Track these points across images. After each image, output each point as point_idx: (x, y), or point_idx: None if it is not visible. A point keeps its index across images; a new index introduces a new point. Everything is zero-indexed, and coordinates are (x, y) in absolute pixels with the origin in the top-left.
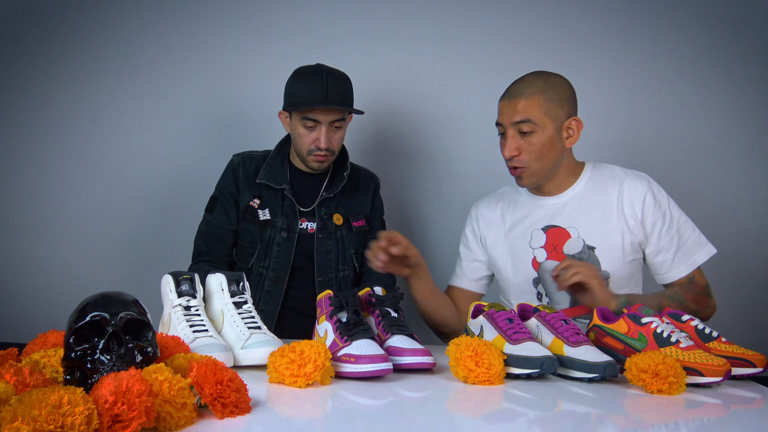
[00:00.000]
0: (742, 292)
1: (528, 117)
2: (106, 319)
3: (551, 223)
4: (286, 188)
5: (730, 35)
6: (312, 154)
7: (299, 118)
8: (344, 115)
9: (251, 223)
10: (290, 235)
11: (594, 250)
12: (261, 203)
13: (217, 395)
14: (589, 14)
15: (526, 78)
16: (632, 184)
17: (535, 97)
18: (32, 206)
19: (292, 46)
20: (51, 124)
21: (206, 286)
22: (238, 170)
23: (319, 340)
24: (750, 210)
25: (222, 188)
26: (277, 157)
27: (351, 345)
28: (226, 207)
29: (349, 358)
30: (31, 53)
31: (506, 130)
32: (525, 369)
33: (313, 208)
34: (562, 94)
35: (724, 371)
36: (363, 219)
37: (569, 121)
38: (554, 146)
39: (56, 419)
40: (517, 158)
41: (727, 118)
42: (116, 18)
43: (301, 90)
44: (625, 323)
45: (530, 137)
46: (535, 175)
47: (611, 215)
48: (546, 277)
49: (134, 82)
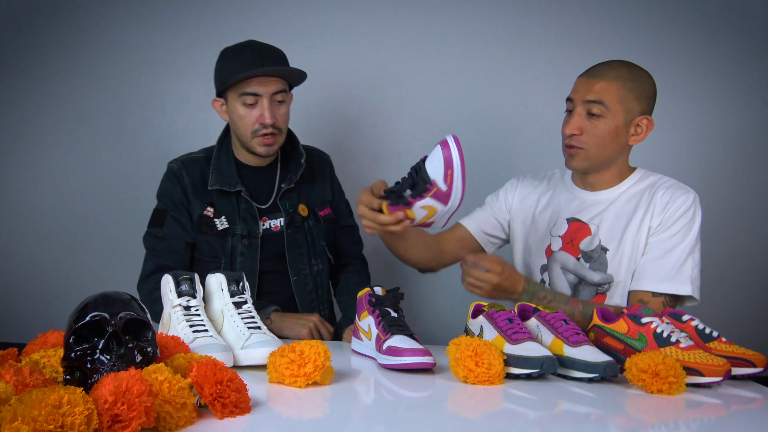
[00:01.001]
0: (742, 292)
1: (602, 99)
2: (106, 319)
3: (577, 216)
4: (242, 190)
5: (736, 34)
6: (258, 135)
7: (237, 96)
8: (285, 87)
9: (209, 234)
10: (252, 241)
11: (606, 252)
12: (215, 211)
13: (217, 395)
14: (590, 14)
15: (612, 62)
16: (668, 193)
17: (615, 83)
18: (32, 206)
19: (292, 46)
20: (51, 124)
21: (206, 286)
22: (182, 177)
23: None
24: (750, 210)
25: (167, 199)
26: (221, 156)
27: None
28: (179, 219)
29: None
30: (31, 53)
31: (575, 107)
32: (525, 369)
33: (271, 204)
34: (643, 89)
35: (724, 371)
36: (328, 206)
37: (641, 118)
38: (618, 138)
39: (56, 419)
40: (577, 137)
41: (727, 119)
42: (116, 19)
43: (232, 64)
44: (625, 323)
45: (597, 120)
46: (589, 159)
47: (634, 223)
48: (554, 266)
49: (134, 82)
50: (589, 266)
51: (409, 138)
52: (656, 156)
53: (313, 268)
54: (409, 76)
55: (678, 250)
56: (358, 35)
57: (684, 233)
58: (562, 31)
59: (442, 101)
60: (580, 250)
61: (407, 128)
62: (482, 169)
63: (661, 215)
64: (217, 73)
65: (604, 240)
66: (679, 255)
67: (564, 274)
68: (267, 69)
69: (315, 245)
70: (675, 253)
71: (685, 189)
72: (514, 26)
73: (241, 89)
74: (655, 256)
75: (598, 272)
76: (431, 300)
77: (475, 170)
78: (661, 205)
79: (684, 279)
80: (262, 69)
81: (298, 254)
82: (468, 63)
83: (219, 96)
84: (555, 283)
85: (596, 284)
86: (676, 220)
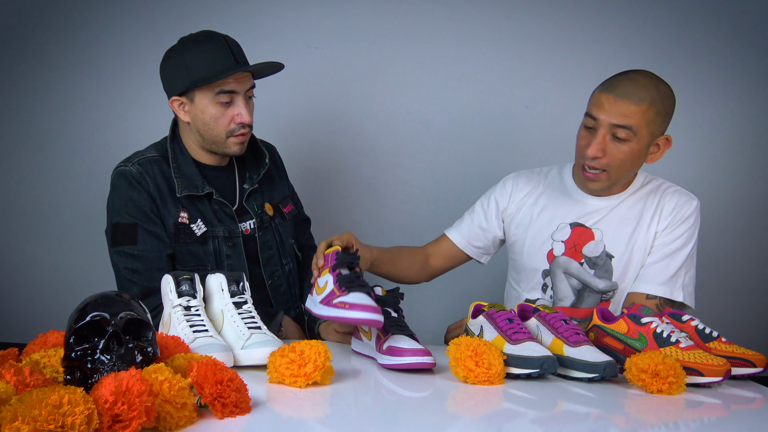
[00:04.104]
0: (742, 292)
1: (631, 125)
2: (106, 319)
3: (580, 221)
4: (212, 192)
5: (738, 35)
6: (234, 134)
7: (211, 96)
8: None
9: (188, 243)
10: (235, 241)
11: (611, 259)
12: (189, 216)
13: (217, 395)
14: (591, 14)
15: (639, 79)
16: (674, 198)
17: (645, 106)
18: (32, 206)
19: (292, 46)
20: (51, 124)
21: (206, 286)
22: (145, 182)
23: (317, 290)
24: (750, 210)
25: (134, 210)
26: (177, 158)
27: (348, 295)
28: (153, 230)
29: (344, 304)
30: (31, 53)
31: (598, 128)
32: (525, 369)
33: (238, 207)
34: (668, 109)
35: (724, 371)
36: (290, 202)
37: (661, 137)
38: (639, 159)
39: (56, 419)
40: (599, 160)
41: (727, 118)
42: (115, 18)
43: (204, 60)
44: (625, 323)
45: (622, 144)
46: (609, 182)
47: (640, 230)
48: (557, 271)
49: (133, 83)
50: (594, 273)
51: (410, 138)
52: None
53: (284, 267)
54: (409, 76)
55: (679, 256)
56: (358, 35)
57: (686, 239)
58: (563, 32)
59: (442, 101)
60: (584, 255)
61: (407, 128)
62: (482, 169)
63: (669, 218)
64: (184, 70)
65: (609, 246)
66: (678, 260)
67: (567, 278)
68: (250, 66)
69: (284, 244)
70: (675, 257)
71: (689, 196)
72: (514, 27)
73: (216, 88)
74: (655, 259)
75: (603, 279)
76: (431, 300)
77: (476, 171)
78: (669, 209)
79: (678, 285)
80: (244, 67)
81: (270, 255)
82: (468, 63)
83: (181, 95)
84: (558, 287)
85: (601, 291)
86: (680, 225)
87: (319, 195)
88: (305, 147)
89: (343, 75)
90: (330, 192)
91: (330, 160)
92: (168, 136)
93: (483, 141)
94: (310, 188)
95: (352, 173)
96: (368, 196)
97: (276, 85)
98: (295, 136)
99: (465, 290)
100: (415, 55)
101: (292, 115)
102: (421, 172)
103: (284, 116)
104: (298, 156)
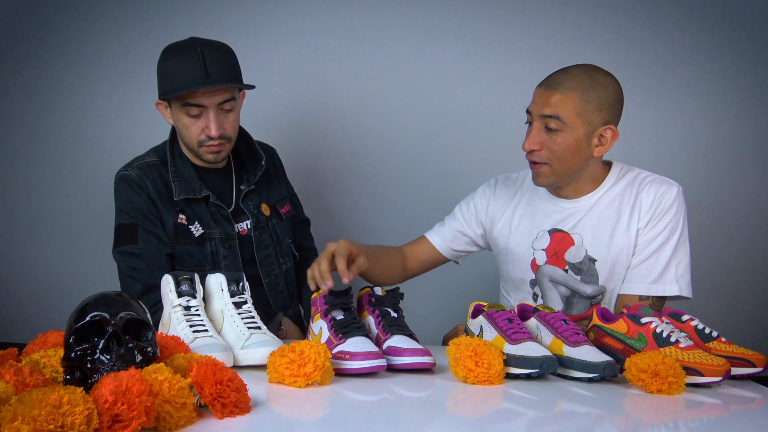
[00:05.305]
0: (742, 292)
1: (558, 114)
2: (106, 319)
3: (558, 226)
4: (209, 195)
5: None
6: (204, 145)
7: (180, 106)
8: (234, 93)
9: (187, 243)
10: (231, 242)
11: (595, 263)
12: (187, 218)
13: (217, 395)
14: (592, 13)
15: (571, 70)
16: (652, 191)
17: (571, 94)
18: (32, 206)
19: (292, 46)
20: (51, 124)
21: (206, 286)
22: (144, 185)
23: (314, 338)
24: (751, 210)
25: (134, 211)
26: (176, 161)
27: (346, 342)
28: (152, 230)
29: (344, 355)
30: (31, 53)
31: (533, 121)
32: (525, 369)
33: (234, 207)
34: (603, 98)
35: (723, 371)
36: (287, 203)
37: (604, 128)
38: (579, 151)
39: (56, 419)
40: (537, 153)
41: (727, 117)
42: (114, 18)
43: (175, 72)
44: (624, 323)
45: (555, 135)
46: (554, 174)
47: (620, 229)
48: (543, 280)
49: (133, 83)
50: (581, 279)
51: (410, 139)
52: (655, 155)
53: (281, 267)
54: (409, 76)
55: (665, 250)
56: (358, 35)
57: (671, 230)
58: (563, 32)
59: (443, 102)
60: (567, 262)
61: (408, 129)
62: (483, 169)
63: (649, 213)
64: (159, 78)
65: (590, 250)
66: (665, 254)
67: (555, 286)
68: (212, 85)
69: (281, 244)
70: (662, 253)
71: (668, 183)
72: (515, 27)
73: (184, 100)
74: (641, 258)
75: (590, 285)
76: (431, 300)
77: (476, 171)
78: (648, 203)
79: (670, 279)
80: (206, 85)
81: (266, 255)
82: (468, 63)
83: (162, 98)
84: (547, 295)
85: (590, 297)
86: (661, 217)
87: (318, 195)
88: (305, 147)
89: (343, 75)
90: (330, 192)
91: (330, 159)
92: (168, 140)
93: (483, 141)
94: (309, 188)
95: (352, 173)
96: (368, 196)
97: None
98: (294, 135)
99: (465, 290)
100: (414, 55)
101: (292, 115)
102: (421, 172)
103: (284, 116)
104: (297, 155)
